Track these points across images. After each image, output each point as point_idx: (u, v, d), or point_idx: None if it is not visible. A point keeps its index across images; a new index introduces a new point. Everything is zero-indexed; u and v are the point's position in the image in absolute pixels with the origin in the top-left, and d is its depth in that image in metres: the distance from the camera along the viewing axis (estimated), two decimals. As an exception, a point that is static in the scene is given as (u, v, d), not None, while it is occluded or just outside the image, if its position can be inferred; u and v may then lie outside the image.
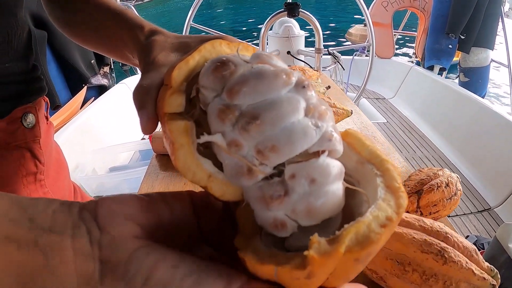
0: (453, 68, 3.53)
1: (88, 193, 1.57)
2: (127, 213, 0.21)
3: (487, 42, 3.07)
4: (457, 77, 3.35)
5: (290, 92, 0.21)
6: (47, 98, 0.57)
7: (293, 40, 1.83)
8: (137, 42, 0.38)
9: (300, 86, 0.21)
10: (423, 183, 0.60)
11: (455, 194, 0.61)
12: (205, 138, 0.21)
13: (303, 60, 1.84)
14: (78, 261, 0.19)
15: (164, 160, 0.92)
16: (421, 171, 0.64)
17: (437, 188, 0.59)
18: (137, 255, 0.19)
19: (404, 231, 0.45)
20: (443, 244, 0.44)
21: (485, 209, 1.95)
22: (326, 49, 2.01)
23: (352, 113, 0.91)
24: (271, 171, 0.21)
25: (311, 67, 1.83)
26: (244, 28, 15.31)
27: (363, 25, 4.56)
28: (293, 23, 1.86)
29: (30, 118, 0.50)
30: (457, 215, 1.88)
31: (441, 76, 3.35)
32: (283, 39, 1.85)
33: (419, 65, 3.50)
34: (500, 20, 3.06)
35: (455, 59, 3.29)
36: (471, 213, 1.91)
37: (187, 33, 2.23)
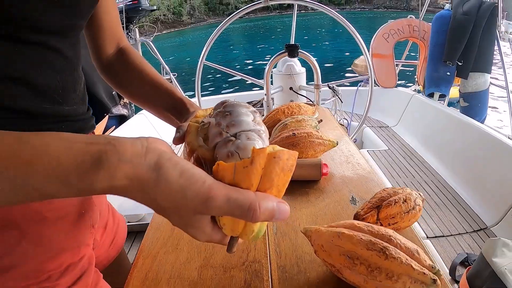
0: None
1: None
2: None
3: (484, 67, 3.18)
4: (457, 103, 3.47)
5: (249, 111, 0.46)
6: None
7: (295, 77, 2.02)
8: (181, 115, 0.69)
9: (254, 111, 0.47)
10: (383, 199, 0.75)
11: (413, 208, 0.75)
12: (206, 119, 0.47)
13: (305, 95, 2.02)
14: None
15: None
16: (384, 190, 0.79)
17: (394, 203, 0.74)
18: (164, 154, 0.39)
19: (355, 233, 0.60)
20: (386, 244, 0.58)
21: (481, 229, 2.04)
22: (326, 84, 2.19)
23: (337, 144, 1.07)
24: (231, 135, 0.43)
25: (311, 101, 2.00)
26: (258, 63, 15.70)
27: (368, 56, 4.75)
28: (295, 61, 2.05)
29: None
30: (451, 235, 1.96)
31: (443, 102, 3.48)
32: (286, 76, 2.04)
33: (421, 93, 3.63)
34: (496, 44, 3.17)
35: (456, 83, 3.41)
36: (467, 232, 2.00)
37: (201, 71, 2.44)
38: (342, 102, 2.16)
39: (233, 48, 23.18)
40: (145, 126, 3.31)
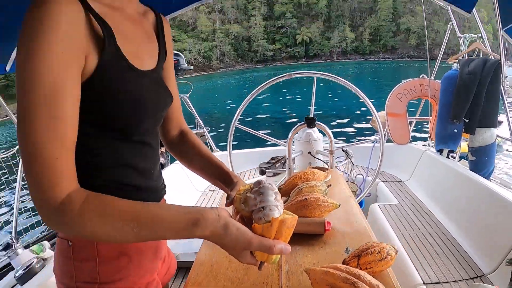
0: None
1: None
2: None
3: (490, 122, 3.31)
4: (466, 157, 3.64)
5: (273, 192, 0.85)
6: None
7: (313, 143, 2.40)
8: (228, 185, 1.07)
9: (276, 192, 0.85)
10: (363, 250, 1.10)
11: (385, 257, 1.09)
12: (248, 193, 0.87)
13: (321, 159, 2.39)
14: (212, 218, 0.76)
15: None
16: (366, 243, 1.13)
17: (371, 253, 1.08)
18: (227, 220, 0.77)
19: (336, 272, 0.95)
20: (356, 280, 0.93)
21: (478, 276, 2.25)
22: (341, 147, 2.57)
23: (339, 205, 1.42)
24: (261, 207, 0.82)
25: (326, 163, 2.37)
26: (289, 121, 16.19)
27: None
28: (313, 130, 2.44)
29: None
30: (448, 282, 2.18)
31: (455, 154, 3.74)
32: (305, 142, 2.42)
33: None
34: (501, 98, 3.30)
35: (466, 137, 3.56)
36: (463, 279, 2.20)
37: (233, 132, 2.85)
38: (353, 164, 2.51)
39: (262, 98, 23.95)
40: (180, 174, 3.73)
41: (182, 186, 3.65)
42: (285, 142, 2.49)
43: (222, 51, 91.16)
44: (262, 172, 2.75)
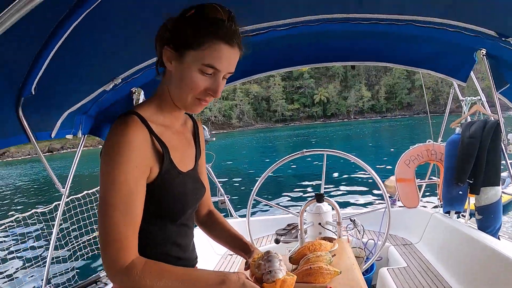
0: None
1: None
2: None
3: (494, 180, 3.43)
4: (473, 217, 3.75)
5: (278, 259, 1.27)
6: None
7: (322, 215, 2.75)
8: (246, 253, 1.44)
9: (280, 259, 1.28)
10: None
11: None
12: (260, 260, 1.30)
13: (330, 229, 2.72)
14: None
15: None
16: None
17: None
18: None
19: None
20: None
21: None
22: (348, 217, 2.89)
23: (340, 272, 1.74)
24: (269, 270, 1.22)
25: (335, 233, 2.69)
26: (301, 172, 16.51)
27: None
28: (323, 204, 2.79)
29: None
30: None
31: (464, 216, 3.89)
32: (315, 214, 2.77)
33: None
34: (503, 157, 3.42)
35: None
36: None
37: (251, 205, 3.21)
38: (360, 233, 2.82)
39: (276, 155, 24.40)
40: (201, 239, 3.95)
41: (203, 250, 3.94)
42: (298, 212, 2.83)
43: (241, 110, 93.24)
44: (277, 241, 3.06)
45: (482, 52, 2.75)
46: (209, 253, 4.01)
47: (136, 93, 3.02)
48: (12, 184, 25.91)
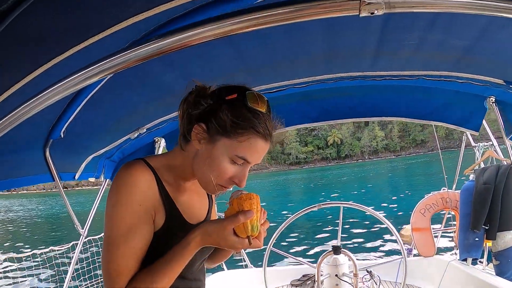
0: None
1: None
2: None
3: (510, 225, 3.40)
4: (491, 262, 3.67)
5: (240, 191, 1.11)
6: None
7: (339, 267, 2.77)
8: None
9: (241, 191, 1.09)
10: None
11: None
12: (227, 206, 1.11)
13: (347, 280, 2.74)
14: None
15: None
16: None
17: None
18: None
19: None
20: None
21: None
22: (365, 268, 2.91)
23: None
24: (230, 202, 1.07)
25: (351, 285, 2.71)
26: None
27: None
28: (340, 256, 2.82)
29: None
30: None
31: (481, 264, 3.83)
32: (332, 266, 2.79)
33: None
34: None
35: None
36: None
37: (268, 256, 3.24)
38: (376, 284, 2.82)
39: (292, 202, 24.31)
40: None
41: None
42: (314, 263, 2.86)
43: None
44: None
45: (492, 99, 2.81)
46: None
47: (158, 141, 3.14)
48: (28, 217, 26.12)
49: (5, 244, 16.00)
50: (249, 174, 1.15)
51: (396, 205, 17.20)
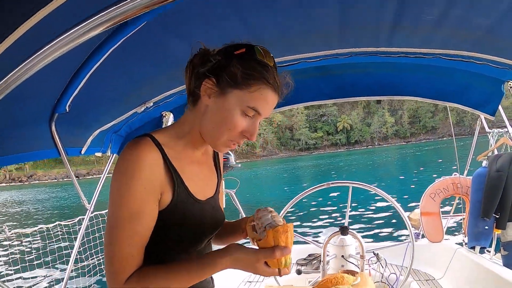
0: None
1: None
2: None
3: None
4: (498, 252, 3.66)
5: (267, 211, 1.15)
6: None
7: (345, 248, 2.73)
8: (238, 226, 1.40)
9: (270, 211, 1.15)
10: None
11: None
12: (251, 224, 1.19)
13: (353, 262, 2.70)
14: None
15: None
16: None
17: None
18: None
19: None
20: None
21: None
22: (372, 251, 2.88)
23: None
24: (263, 228, 1.08)
25: (358, 266, 2.68)
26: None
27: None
28: (347, 236, 2.78)
29: None
30: None
31: (488, 253, 3.78)
32: (339, 247, 2.75)
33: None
34: None
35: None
36: None
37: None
38: (383, 267, 2.79)
39: (300, 185, 24.31)
40: None
41: (221, 278, 3.93)
42: (321, 244, 2.83)
43: (265, 139, 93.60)
44: (298, 272, 3.06)
45: (510, 84, 2.72)
46: (227, 282, 4.00)
47: (166, 116, 3.09)
48: (40, 205, 26.54)
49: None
50: (258, 160, 1.15)
51: (405, 191, 17.09)
